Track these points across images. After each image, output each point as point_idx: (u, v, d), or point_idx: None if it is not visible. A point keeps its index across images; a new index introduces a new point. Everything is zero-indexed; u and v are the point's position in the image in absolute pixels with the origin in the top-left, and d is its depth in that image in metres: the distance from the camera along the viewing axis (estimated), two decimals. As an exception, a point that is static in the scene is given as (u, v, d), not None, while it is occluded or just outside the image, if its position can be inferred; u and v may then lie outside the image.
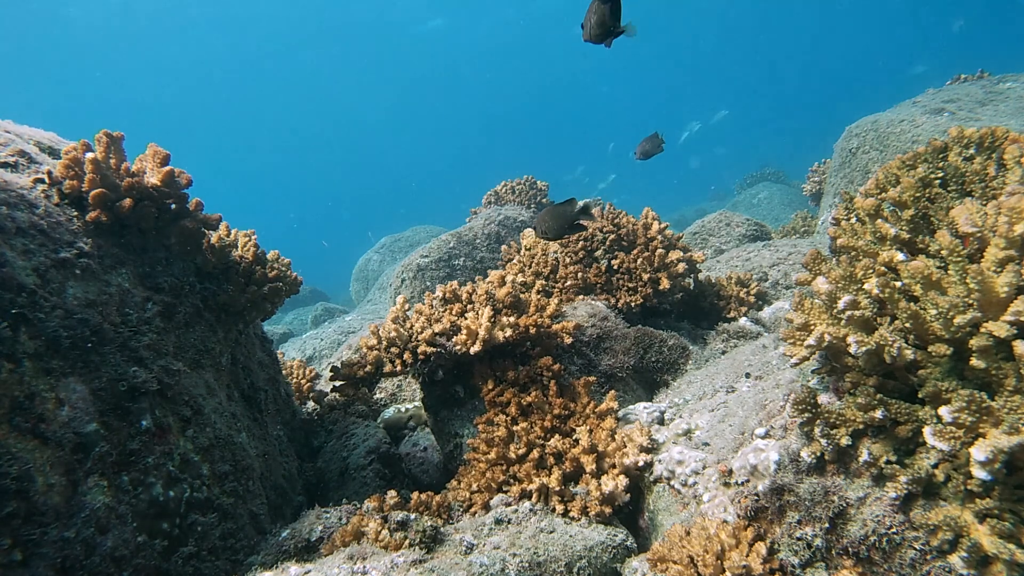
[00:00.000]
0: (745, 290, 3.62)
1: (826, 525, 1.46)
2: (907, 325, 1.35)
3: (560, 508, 2.00)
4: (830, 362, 1.57)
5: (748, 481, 1.67)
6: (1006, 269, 1.21)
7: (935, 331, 1.30)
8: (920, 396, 1.35)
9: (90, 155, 1.98)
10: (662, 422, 2.30)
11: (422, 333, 2.55)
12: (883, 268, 1.49)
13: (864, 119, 5.73)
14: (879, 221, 1.61)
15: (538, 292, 3.34)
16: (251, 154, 53.55)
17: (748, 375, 2.26)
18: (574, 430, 2.28)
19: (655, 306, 3.30)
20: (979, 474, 1.19)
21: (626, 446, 2.12)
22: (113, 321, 1.85)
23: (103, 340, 1.77)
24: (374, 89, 48.86)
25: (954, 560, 1.26)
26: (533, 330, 2.58)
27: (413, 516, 1.81)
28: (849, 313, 1.41)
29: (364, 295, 10.97)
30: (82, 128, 2.33)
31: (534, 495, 2.05)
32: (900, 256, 1.48)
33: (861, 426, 1.42)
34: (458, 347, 2.50)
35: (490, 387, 2.51)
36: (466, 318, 2.56)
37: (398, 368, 2.63)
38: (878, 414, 1.37)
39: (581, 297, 3.29)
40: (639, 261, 3.27)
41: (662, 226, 3.45)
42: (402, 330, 2.63)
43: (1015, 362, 1.21)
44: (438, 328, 2.56)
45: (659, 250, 3.25)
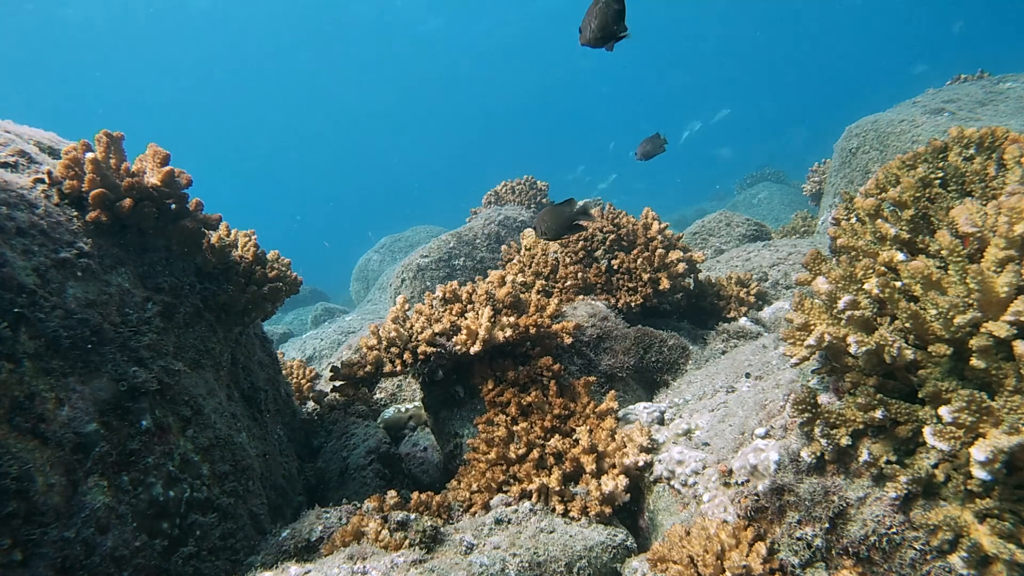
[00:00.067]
0: (745, 290, 3.62)
1: (826, 525, 1.46)
2: (907, 325, 1.35)
3: (560, 508, 2.00)
4: (830, 362, 1.57)
5: (748, 481, 1.67)
6: (1006, 269, 1.21)
7: (935, 331, 1.31)
8: (920, 396, 1.35)
9: (90, 155, 1.98)
10: (662, 422, 2.30)
11: (422, 333, 2.55)
12: (883, 268, 1.49)
13: (864, 119, 5.73)
14: (879, 221, 1.61)
15: (538, 292, 3.34)
16: (251, 154, 53.58)
17: (748, 375, 2.26)
18: (574, 430, 2.28)
19: (655, 306, 3.30)
20: (979, 474, 1.19)
21: (626, 446, 2.12)
22: (113, 321, 1.85)
23: (103, 340, 1.77)
24: (374, 89, 48.90)
25: (954, 560, 1.26)
26: (533, 330, 2.58)
27: (413, 516, 1.81)
28: (849, 313, 1.41)
29: (364, 295, 10.97)
30: (82, 128, 2.33)
31: (534, 495, 2.05)
32: (900, 256, 1.48)
33: (861, 426, 1.42)
34: (458, 347, 2.50)
35: (490, 387, 2.51)
36: (466, 318, 2.56)
37: (398, 368, 2.63)
38: (878, 414, 1.37)
39: (581, 297, 3.29)
40: (639, 261, 3.27)
41: (662, 226, 3.45)
42: (402, 330, 2.63)
43: (1015, 362, 1.21)
44: (438, 328, 2.56)
45: (659, 250, 3.25)
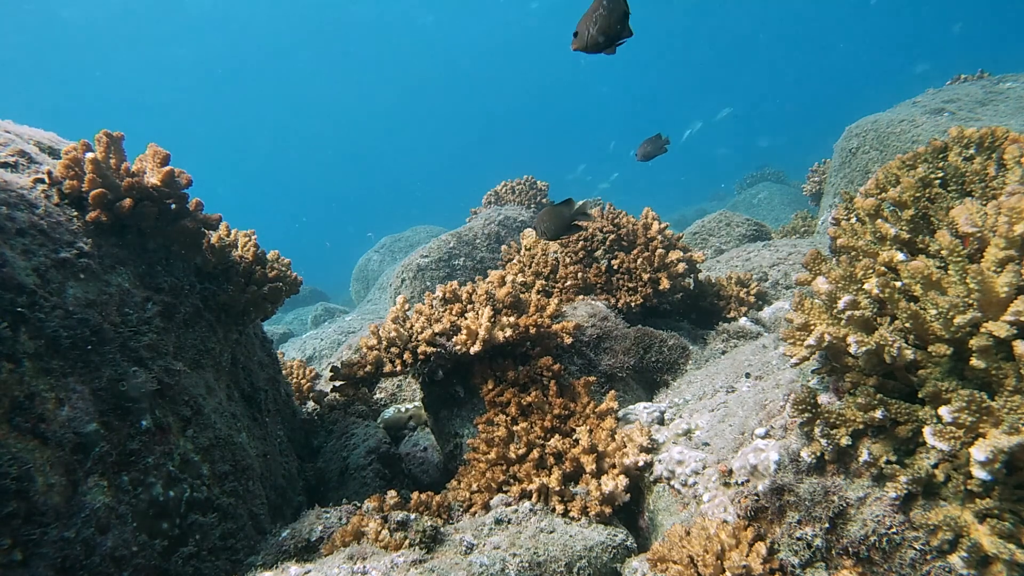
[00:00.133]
0: (745, 290, 3.62)
1: (826, 525, 1.46)
2: (907, 325, 1.35)
3: (560, 508, 2.00)
4: (830, 362, 1.57)
5: (748, 481, 1.67)
6: (1006, 269, 1.21)
7: (935, 331, 1.30)
8: (920, 396, 1.35)
9: (90, 155, 1.98)
10: (662, 422, 2.30)
11: (422, 333, 2.55)
12: (883, 268, 1.49)
13: (864, 119, 5.73)
14: (879, 221, 1.61)
15: (538, 292, 3.34)
16: (251, 154, 53.63)
17: (748, 375, 2.26)
18: (574, 430, 2.28)
19: (655, 306, 3.30)
20: (979, 474, 1.19)
21: (626, 446, 2.11)
22: (113, 321, 1.85)
23: (103, 340, 1.77)
24: (374, 89, 48.92)
25: (954, 560, 1.26)
26: (533, 330, 2.58)
27: (413, 516, 1.81)
28: (849, 313, 1.41)
29: (364, 295, 10.97)
30: (82, 128, 2.33)
31: (534, 495, 2.05)
32: (900, 256, 1.48)
33: (861, 426, 1.42)
34: (458, 347, 2.50)
35: (490, 387, 2.51)
36: (466, 318, 2.56)
37: (398, 368, 2.63)
38: (878, 414, 1.37)
39: (581, 297, 3.29)
40: (639, 261, 3.27)
41: (662, 226, 3.44)
42: (402, 330, 2.63)
43: (1015, 362, 1.21)
44: (438, 328, 2.56)
45: (659, 250, 3.25)
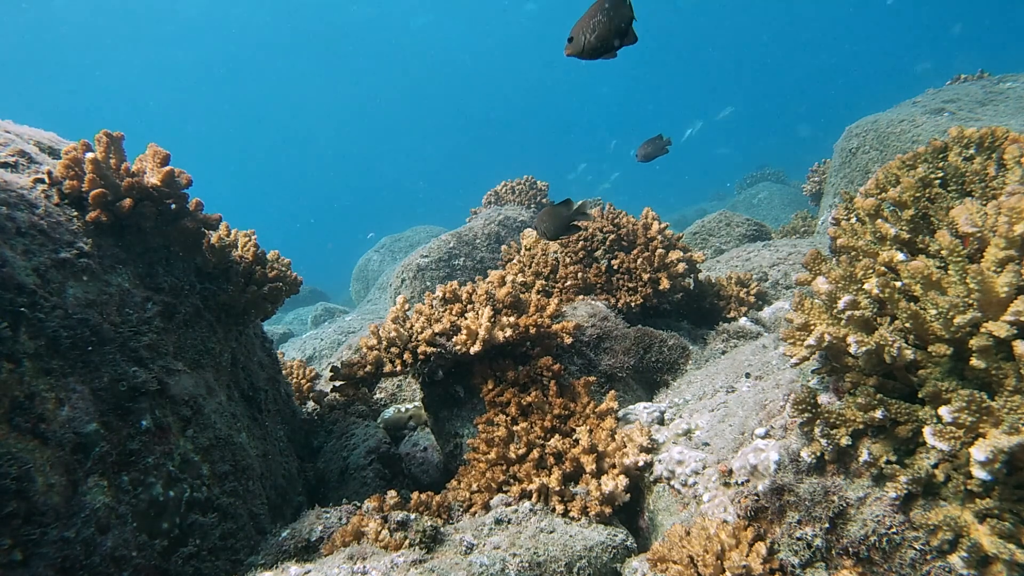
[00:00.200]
0: (745, 290, 3.62)
1: (826, 525, 1.46)
2: (907, 325, 1.35)
3: (560, 508, 2.00)
4: (830, 362, 1.57)
5: (748, 481, 1.67)
6: (1006, 269, 1.21)
7: (935, 331, 1.30)
8: (920, 396, 1.35)
9: (90, 155, 1.98)
10: (662, 422, 2.30)
11: (422, 333, 2.55)
12: (883, 268, 1.49)
13: (864, 119, 5.73)
14: (879, 221, 1.61)
15: (538, 292, 3.34)
16: (251, 154, 53.67)
17: (748, 375, 2.26)
18: (574, 430, 2.28)
19: (655, 306, 3.30)
20: (979, 474, 1.19)
21: (626, 446, 2.11)
22: (113, 321, 1.85)
23: (103, 340, 1.77)
24: (374, 89, 48.97)
25: (954, 560, 1.26)
26: (533, 330, 2.58)
27: (413, 516, 1.81)
28: (849, 313, 1.41)
29: (364, 295, 10.97)
30: (82, 128, 2.33)
31: (534, 495, 2.05)
32: (900, 256, 1.48)
33: (861, 426, 1.42)
34: (458, 347, 2.50)
35: (490, 387, 2.51)
36: (466, 318, 2.56)
37: (398, 368, 2.63)
38: (878, 414, 1.37)
39: (581, 297, 3.29)
40: (639, 261, 3.27)
41: (662, 226, 3.44)
42: (402, 330, 2.63)
43: (1015, 362, 1.20)
44: (438, 328, 2.56)
45: (659, 250, 3.25)
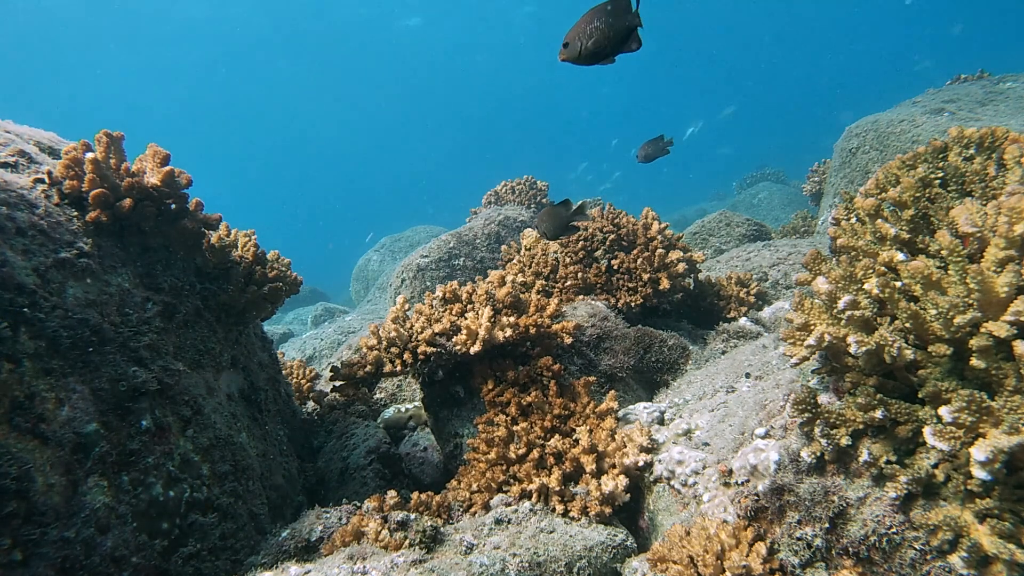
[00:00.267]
0: (745, 290, 3.62)
1: (826, 525, 1.46)
2: (907, 325, 1.35)
3: (560, 508, 2.00)
4: (830, 362, 1.57)
5: (748, 481, 1.67)
6: (1006, 269, 1.21)
7: (935, 331, 1.30)
8: (920, 396, 1.35)
9: (90, 155, 1.98)
10: (662, 422, 2.30)
11: (422, 333, 2.55)
12: (883, 268, 1.49)
13: (864, 119, 5.73)
14: (879, 221, 1.61)
15: (538, 292, 3.34)
16: (251, 154, 53.70)
17: (748, 375, 2.26)
18: (574, 430, 2.28)
19: (655, 306, 3.30)
20: (979, 474, 1.19)
21: (626, 446, 2.11)
22: (113, 321, 1.85)
23: (103, 340, 1.77)
24: (375, 88, 48.96)
25: (954, 560, 1.26)
26: (533, 330, 2.58)
27: (413, 516, 1.81)
28: (849, 313, 1.41)
29: (364, 295, 10.97)
30: (82, 128, 2.33)
31: (534, 495, 2.05)
32: (900, 256, 1.48)
33: (861, 426, 1.42)
34: (458, 347, 2.50)
35: (490, 387, 2.51)
36: (466, 318, 2.56)
37: (398, 368, 2.63)
38: (878, 414, 1.37)
39: (581, 297, 3.29)
40: (639, 261, 3.27)
41: (662, 226, 3.44)
42: (402, 330, 2.63)
43: (1015, 362, 1.20)
44: (438, 328, 2.56)
45: (659, 250, 3.25)
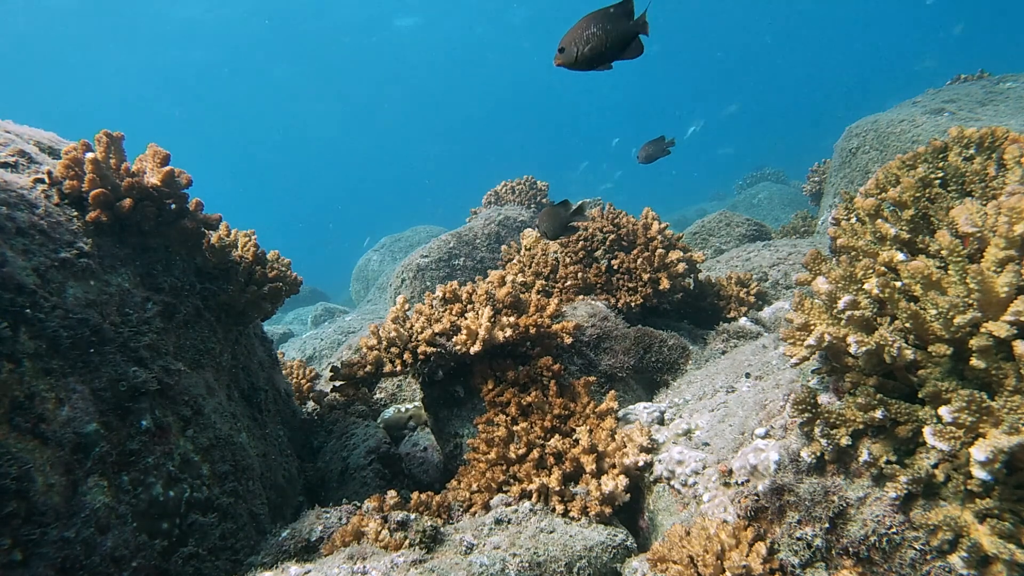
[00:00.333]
0: (745, 290, 3.62)
1: (826, 525, 1.46)
2: (907, 325, 1.35)
3: (560, 508, 2.00)
4: (830, 362, 1.57)
5: (748, 481, 1.67)
6: (1006, 269, 1.21)
7: (935, 331, 1.30)
8: (920, 396, 1.35)
9: (90, 155, 1.98)
10: (662, 422, 2.30)
11: (422, 333, 2.55)
12: (883, 268, 1.49)
13: (864, 119, 5.74)
14: (879, 221, 1.61)
15: (538, 292, 3.34)
16: (251, 155, 53.72)
17: (748, 375, 2.26)
18: (574, 430, 2.28)
19: (655, 306, 3.30)
20: (979, 474, 1.19)
21: (626, 446, 2.11)
22: (113, 321, 1.85)
23: (103, 340, 1.77)
24: (375, 88, 48.93)
25: (954, 560, 1.26)
26: (533, 330, 2.58)
27: (413, 516, 1.81)
28: (849, 313, 1.41)
29: (364, 295, 10.97)
30: (82, 128, 2.33)
31: (534, 495, 2.05)
32: (900, 256, 1.48)
33: (861, 426, 1.42)
34: (458, 347, 2.50)
35: (490, 387, 2.51)
36: (466, 318, 2.56)
37: (398, 368, 2.63)
38: (878, 414, 1.37)
39: (581, 297, 3.29)
40: (639, 261, 3.27)
41: (662, 226, 3.44)
42: (402, 330, 2.63)
43: (1015, 362, 1.20)
44: (438, 328, 2.56)
45: (659, 250, 3.25)
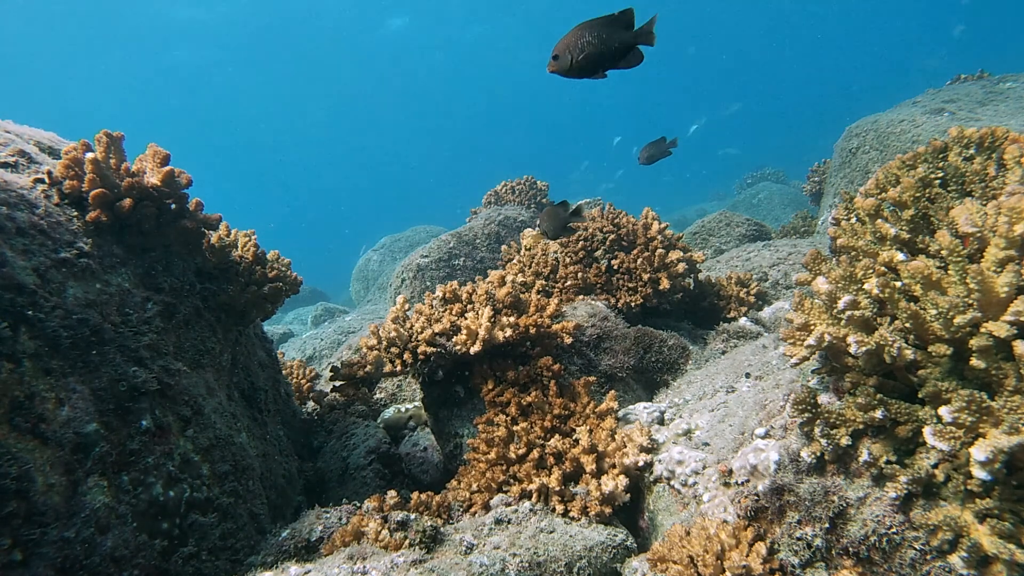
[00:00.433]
0: (745, 290, 3.62)
1: (826, 525, 1.46)
2: (907, 325, 1.35)
3: (560, 508, 2.00)
4: (830, 362, 1.57)
5: (748, 481, 1.67)
6: (1006, 269, 1.21)
7: (935, 331, 1.30)
8: (920, 396, 1.35)
9: (90, 155, 1.98)
10: (662, 422, 2.30)
11: (422, 333, 2.55)
12: (883, 268, 1.49)
13: (864, 119, 5.74)
14: (879, 221, 1.61)
15: (538, 292, 3.34)
16: (252, 155, 53.73)
17: (748, 375, 2.26)
18: (574, 430, 2.28)
19: (655, 306, 3.30)
20: (979, 474, 1.19)
21: (626, 446, 2.11)
22: (113, 321, 1.85)
23: (103, 340, 1.77)
24: (375, 87, 48.93)
25: (954, 560, 1.26)
26: (533, 330, 2.58)
27: (413, 516, 1.81)
28: (849, 313, 1.41)
29: (364, 295, 10.98)
30: (82, 128, 2.33)
31: (534, 495, 2.05)
32: (900, 256, 1.48)
33: (861, 426, 1.42)
34: (458, 347, 2.50)
35: (490, 387, 2.51)
36: (466, 318, 2.56)
37: (398, 368, 2.63)
38: (878, 414, 1.37)
39: (581, 297, 3.29)
40: (639, 261, 3.27)
41: (662, 226, 3.44)
42: (402, 330, 2.63)
43: (1015, 362, 1.20)
44: (438, 328, 2.56)
45: (659, 250, 3.25)
